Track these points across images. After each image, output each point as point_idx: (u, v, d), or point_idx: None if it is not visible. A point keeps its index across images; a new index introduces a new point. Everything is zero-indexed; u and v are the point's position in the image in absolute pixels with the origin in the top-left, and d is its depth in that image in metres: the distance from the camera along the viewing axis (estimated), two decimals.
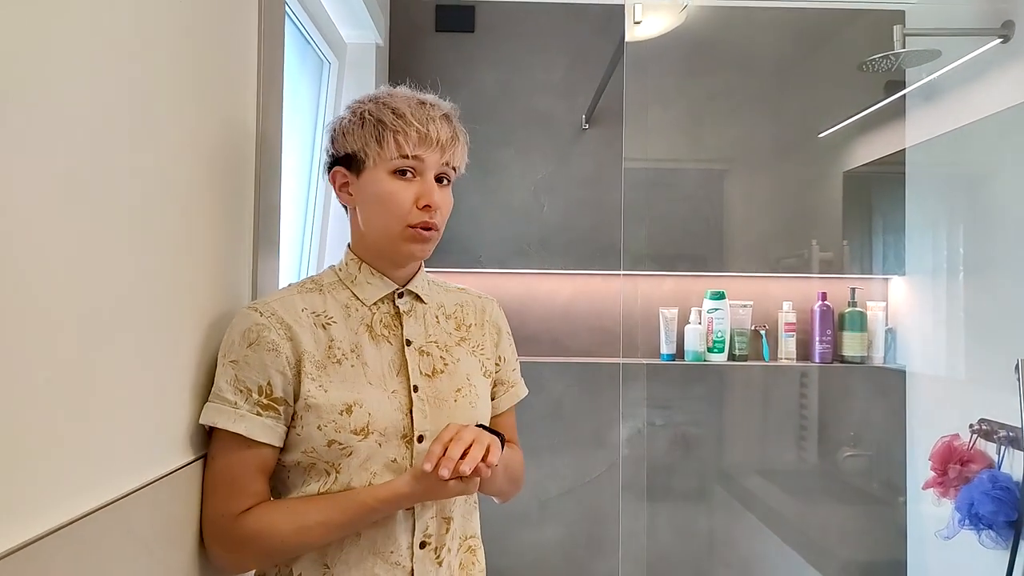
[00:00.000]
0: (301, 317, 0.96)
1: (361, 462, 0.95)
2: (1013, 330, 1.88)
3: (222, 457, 0.93)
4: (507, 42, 2.37)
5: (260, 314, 0.94)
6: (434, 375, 1.02)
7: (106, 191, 0.72)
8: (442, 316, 1.08)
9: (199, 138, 0.93)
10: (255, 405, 0.92)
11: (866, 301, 2.40)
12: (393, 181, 0.96)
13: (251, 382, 0.92)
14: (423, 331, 1.04)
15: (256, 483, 0.94)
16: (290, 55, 1.62)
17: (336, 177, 1.02)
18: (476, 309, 1.14)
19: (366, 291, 1.02)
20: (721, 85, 2.41)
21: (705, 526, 2.37)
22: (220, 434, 0.93)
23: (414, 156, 0.95)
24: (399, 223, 0.97)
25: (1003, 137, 1.94)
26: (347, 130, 0.98)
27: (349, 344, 0.98)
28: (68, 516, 0.67)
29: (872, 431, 2.35)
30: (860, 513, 2.38)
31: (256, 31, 1.12)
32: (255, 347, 0.92)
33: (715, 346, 2.34)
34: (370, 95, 1.01)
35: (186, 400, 0.92)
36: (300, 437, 0.94)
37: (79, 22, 0.68)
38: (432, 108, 0.99)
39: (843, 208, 2.41)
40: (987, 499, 1.82)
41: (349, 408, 0.94)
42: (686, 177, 2.44)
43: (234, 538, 0.92)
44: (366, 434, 0.94)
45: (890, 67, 1.96)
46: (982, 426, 1.94)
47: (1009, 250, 1.91)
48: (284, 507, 0.94)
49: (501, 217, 2.37)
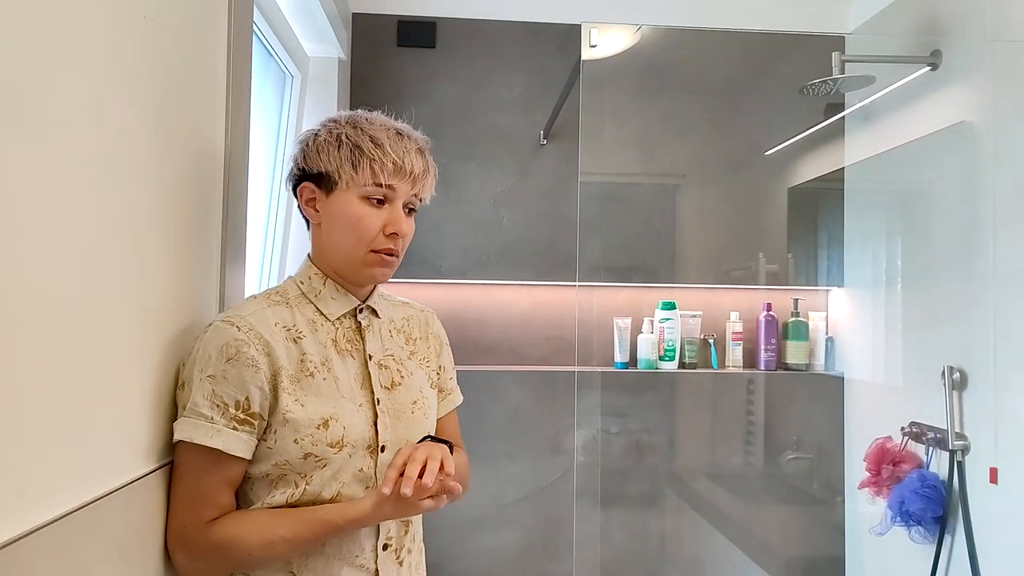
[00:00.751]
0: (275, 331, 0.99)
1: (333, 473, 0.98)
2: (942, 338, 2.00)
3: (192, 469, 0.95)
4: (468, 58, 2.44)
5: (238, 328, 0.95)
6: (392, 388, 1.07)
7: (74, 202, 0.75)
8: (394, 330, 1.13)
9: (169, 151, 0.96)
10: (232, 420, 0.94)
11: (808, 311, 2.52)
12: (363, 206, 1.00)
13: (228, 397, 0.94)
14: (381, 346, 1.09)
15: (224, 495, 0.97)
16: (254, 68, 1.66)
17: (304, 192, 1.05)
18: (420, 323, 1.19)
19: (330, 306, 1.05)
20: (673, 104, 2.51)
21: (656, 528, 2.46)
22: (191, 447, 0.94)
23: (387, 185, 1.00)
24: (364, 247, 1.01)
25: (933, 157, 2.07)
26: (322, 148, 1.01)
27: (320, 358, 1.01)
28: (30, 525, 0.68)
29: (813, 435, 2.47)
30: (801, 513, 2.50)
31: (225, 47, 1.16)
32: (234, 362, 0.94)
33: (666, 354, 2.43)
34: (347, 116, 1.05)
35: (150, 409, 0.93)
36: (272, 450, 0.96)
37: (49, 36, 0.70)
38: (408, 141, 1.04)
39: (788, 222, 2.54)
40: (916, 497, 1.94)
41: (326, 422, 0.97)
42: (640, 192, 2.53)
43: (201, 547, 0.95)
44: (340, 447, 0.98)
45: (829, 91, 2.08)
46: (912, 429, 2.07)
47: (939, 263, 2.04)
48: (252, 520, 0.96)
49: (462, 229, 2.43)
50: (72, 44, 0.73)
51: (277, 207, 1.99)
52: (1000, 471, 1.80)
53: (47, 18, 0.69)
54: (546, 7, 2.45)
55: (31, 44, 0.67)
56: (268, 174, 1.95)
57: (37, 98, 0.67)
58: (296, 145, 1.07)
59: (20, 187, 0.65)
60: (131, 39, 0.86)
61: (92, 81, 0.77)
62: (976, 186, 1.90)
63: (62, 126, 0.71)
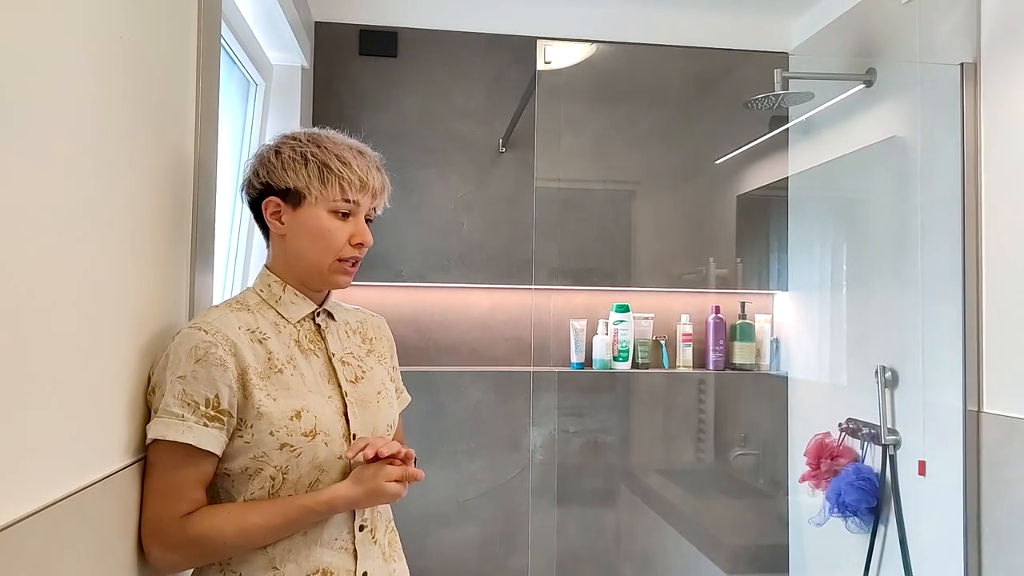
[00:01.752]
0: (240, 334, 1.05)
1: (309, 460, 1.05)
2: (877, 340, 2.14)
3: (165, 466, 1.00)
4: (428, 68, 2.51)
5: (205, 332, 1.02)
6: (357, 382, 1.15)
7: (56, 210, 0.80)
8: (349, 331, 1.22)
9: (142, 161, 1.01)
10: (202, 417, 0.99)
11: (755, 314, 2.64)
12: (331, 219, 1.09)
13: (199, 395, 0.99)
14: (340, 345, 1.18)
15: (197, 491, 1.02)
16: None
17: (269, 205, 1.10)
18: (373, 326, 1.29)
19: (290, 310, 1.13)
20: (627, 114, 2.61)
21: (610, 523, 2.55)
22: (163, 444, 0.99)
23: (353, 200, 1.09)
24: (331, 256, 1.10)
25: (868, 169, 2.21)
26: (288, 165, 1.08)
27: (285, 356, 1.09)
28: (16, 514, 0.72)
29: (759, 432, 2.60)
30: (748, 506, 2.62)
31: (195, 59, 1.21)
32: (203, 363, 1.00)
33: (620, 355, 2.53)
34: (307, 135, 1.11)
35: (127, 406, 0.99)
36: (249, 444, 1.03)
37: (33, 53, 0.76)
38: (368, 159, 1.13)
39: (736, 229, 2.66)
40: (852, 489, 2.06)
41: (298, 414, 1.05)
42: (594, 198, 2.63)
43: (176, 541, 1.00)
44: (313, 435, 1.05)
45: (771, 106, 2.20)
46: (849, 425, 2.19)
47: (875, 269, 2.17)
48: (226, 511, 1.02)
49: (422, 234, 2.50)
50: (52, 62, 0.78)
51: (241, 214, 2.03)
52: (928, 464, 1.93)
53: (32, 37, 0.74)
54: (504, 20, 2.53)
55: (15, 60, 0.71)
56: (232, 181, 1.99)
57: (18, 108, 0.72)
58: (255, 160, 1.12)
59: (13, 207, 0.70)
60: (107, 57, 0.91)
61: (70, 96, 0.82)
62: (907, 197, 2.04)
63: (41, 138, 0.76)
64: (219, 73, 1.34)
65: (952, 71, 1.84)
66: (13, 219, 0.71)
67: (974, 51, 1.81)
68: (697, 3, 2.53)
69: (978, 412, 1.77)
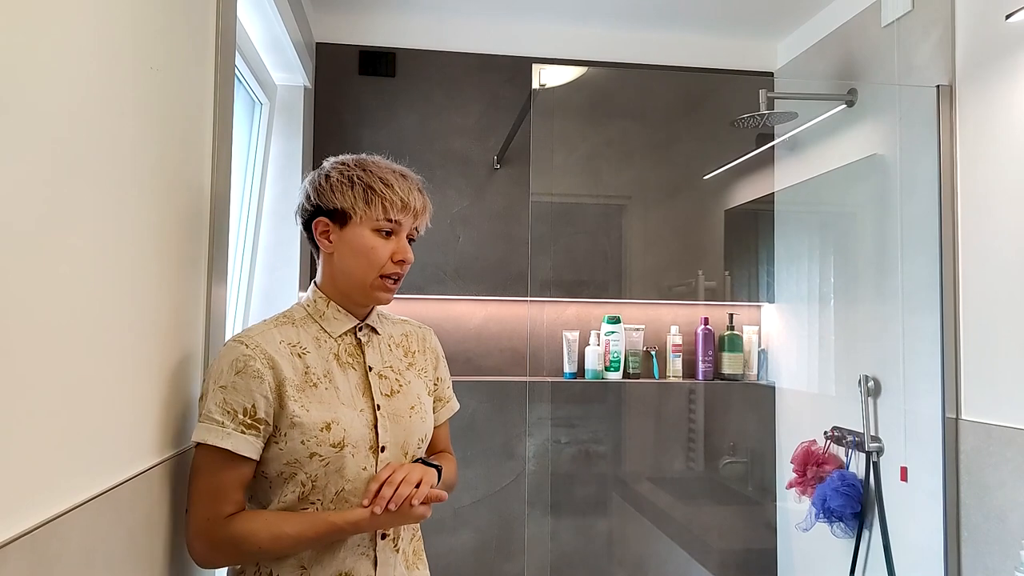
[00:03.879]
0: (280, 348, 1.13)
1: (336, 470, 1.12)
2: (860, 350, 2.21)
3: (209, 469, 1.08)
4: (426, 87, 2.58)
5: (246, 346, 1.10)
6: (392, 395, 1.21)
7: (95, 232, 0.87)
8: (392, 345, 1.27)
9: (165, 181, 1.08)
10: (240, 424, 1.07)
11: (743, 325, 2.71)
12: (375, 237, 1.16)
13: (238, 404, 1.07)
14: (380, 359, 1.23)
15: (237, 493, 1.10)
16: None
17: (319, 225, 1.18)
18: (418, 338, 1.34)
19: (333, 325, 1.19)
20: (618, 132, 2.69)
21: (603, 529, 2.61)
22: (206, 449, 1.07)
23: (396, 220, 1.16)
24: (374, 272, 1.16)
25: (850, 185, 2.29)
26: (336, 187, 1.16)
27: (322, 370, 1.15)
28: (61, 507, 0.79)
29: (747, 440, 2.66)
30: (737, 512, 2.68)
31: (212, 86, 1.28)
32: (242, 374, 1.08)
33: (611, 365, 2.60)
34: (354, 159, 1.20)
35: (155, 410, 1.05)
36: (283, 451, 1.10)
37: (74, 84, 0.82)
38: (411, 181, 1.20)
39: (724, 242, 2.73)
40: (837, 495, 2.13)
41: (328, 425, 1.11)
42: (587, 213, 2.70)
43: (219, 539, 1.08)
44: (342, 447, 1.12)
45: (757, 125, 2.28)
46: (834, 432, 2.26)
47: (857, 281, 2.25)
48: (263, 517, 1.10)
49: (420, 247, 2.51)
50: (93, 90, 0.85)
51: (247, 229, 2.09)
52: (909, 470, 1.99)
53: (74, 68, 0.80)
54: (498, 41, 2.61)
55: (55, 88, 0.78)
56: (239, 197, 2.05)
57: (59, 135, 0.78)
58: (307, 185, 1.20)
59: (50, 221, 0.76)
60: (141, 87, 0.97)
61: (108, 120, 0.88)
62: (887, 212, 2.12)
63: (79, 159, 0.82)
64: (233, 98, 1.40)
65: (929, 92, 1.93)
66: (52, 239, 0.78)
67: (950, 74, 1.90)
68: (686, 26, 2.62)
69: (956, 419, 1.84)
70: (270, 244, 2.21)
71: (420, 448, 1.24)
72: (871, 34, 2.20)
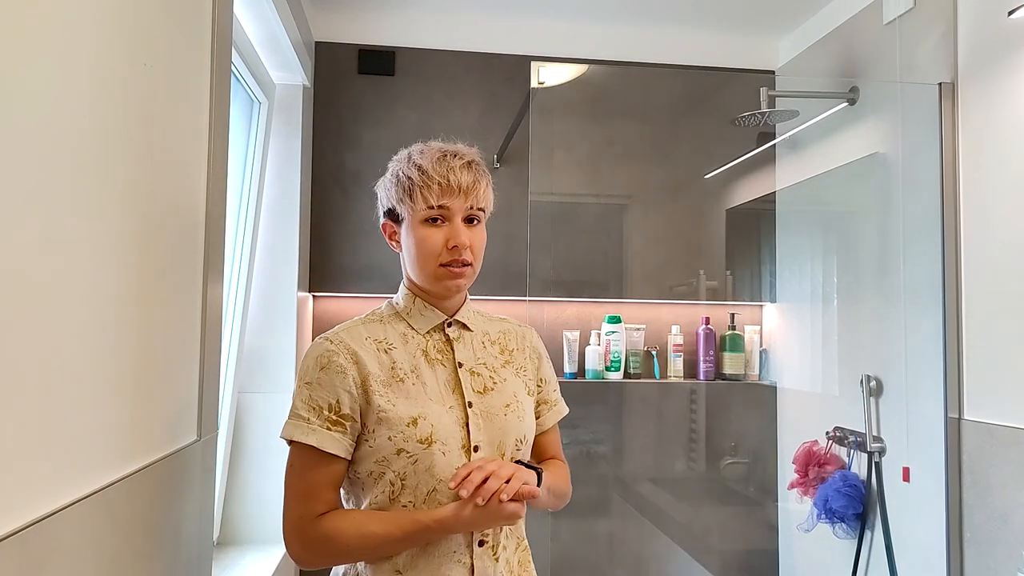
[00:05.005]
0: (365, 344, 1.12)
1: (426, 468, 1.07)
2: (862, 349, 2.19)
3: (300, 467, 1.08)
4: (425, 86, 2.57)
5: (330, 342, 1.10)
6: (485, 392, 1.16)
7: (80, 229, 0.86)
8: (487, 342, 1.23)
9: (159, 177, 1.07)
10: (325, 420, 1.06)
11: (744, 325, 2.70)
12: (425, 228, 1.12)
13: (323, 400, 1.07)
14: (472, 355, 1.19)
15: (328, 492, 1.08)
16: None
17: (386, 228, 1.19)
18: (517, 336, 1.28)
19: (419, 322, 1.17)
20: (618, 131, 2.68)
21: (604, 530, 2.60)
22: (297, 447, 1.07)
23: (439, 206, 1.10)
24: (434, 263, 1.12)
25: (852, 184, 2.28)
26: (387, 188, 1.15)
27: (409, 365, 1.13)
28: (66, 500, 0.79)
29: (749, 440, 2.65)
30: (738, 513, 2.67)
31: (208, 84, 1.27)
32: (326, 370, 1.08)
33: (612, 365, 2.58)
34: (406, 152, 1.16)
35: (149, 409, 1.04)
36: (372, 449, 1.08)
37: (70, 84, 0.81)
38: (454, 159, 1.12)
39: (726, 242, 2.72)
40: (839, 495, 2.11)
41: (415, 420, 1.08)
42: (587, 212, 2.69)
43: (311, 538, 1.06)
44: (429, 443, 1.08)
45: (758, 123, 2.27)
46: (836, 433, 2.25)
47: (859, 280, 2.24)
48: (352, 516, 1.08)
49: None
50: (82, 87, 0.84)
51: (245, 227, 2.08)
52: (912, 470, 1.98)
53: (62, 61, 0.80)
54: (497, 40, 2.60)
55: (52, 88, 0.77)
56: (236, 195, 2.05)
57: (49, 128, 0.78)
58: (377, 189, 1.20)
59: (40, 218, 0.76)
60: (133, 83, 0.96)
61: (97, 118, 0.88)
62: (889, 211, 2.11)
63: (72, 157, 0.82)
64: (229, 94, 1.39)
65: (931, 90, 1.91)
66: (40, 238, 0.77)
67: (952, 71, 1.89)
68: (686, 23, 2.61)
69: (959, 419, 1.83)
70: (268, 244, 2.20)
71: (520, 450, 1.17)
72: (873, 31, 2.19)
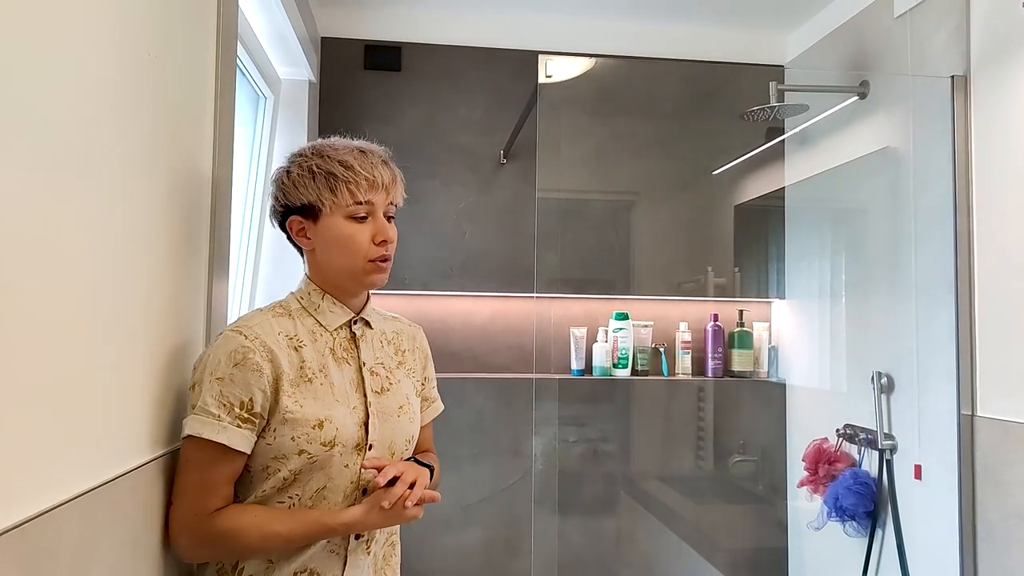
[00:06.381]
0: (279, 340, 1.09)
1: (321, 467, 1.08)
2: (872, 346, 2.17)
3: (199, 463, 1.04)
4: (431, 81, 2.56)
5: (245, 337, 1.06)
6: (382, 393, 1.18)
7: (93, 225, 0.85)
8: (384, 341, 1.24)
9: (162, 172, 1.06)
10: (236, 418, 1.04)
11: (752, 322, 2.68)
12: (351, 224, 1.11)
13: (234, 398, 1.04)
14: (373, 354, 1.20)
15: (227, 488, 1.07)
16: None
17: (293, 225, 1.15)
18: (408, 336, 1.31)
19: (328, 318, 1.16)
20: (626, 126, 2.67)
21: (611, 527, 2.58)
22: (199, 441, 1.03)
23: (366, 201, 1.11)
24: (361, 259, 1.12)
25: (863, 179, 2.25)
26: (298, 183, 1.11)
27: (318, 364, 1.12)
28: (52, 502, 0.78)
29: (758, 438, 2.63)
30: (747, 511, 2.65)
31: (213, 77, 1.26)
32: (240, 367, 1.04)
33: (619, 362, 2.57)
34: (311, 148, 1.15)
35: (153, 405, 1.03)
36: (271, 446, 1.07)
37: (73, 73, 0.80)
38: (372, 155, 1.14)
39: (734, 238, 2.70)
40: (850, 493, 2.09)
41: (321, 423, 1.08)
42: (594, 208, 2.68)
43: (205, 534, 1.04)
44: (332, 446, 1.08)
45: (767, 118, 2.25)
46: (846, 430, 2.23)
47: (870, 276, 2.21)
48: (252, 514, 1.06)
49: (426, 242, 2.54)
50: (84, 75, 0.83)
51: (251, 223, 2.08)
52: (924, 468, 1.96)
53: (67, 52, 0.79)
54: (504, 34, 2.59)
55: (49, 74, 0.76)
56: (242, 192, 2.04)
57: (49, 119, 0.77)
58: (272, 185, 1.17)
59: (45, 213, 0.75)
60: (135, 73, 0.95)
61: (100, 108, 0.87)
62: (900, 206, 2.08)
63: (70, 149, 0.81)
64: (235, 89, 1.38)
65: (943, 83, 1.89)
66: (48, 231, 0.76)
67: (964, 64, 1.86)
68: (694, 17, 2.59)
69: (972, 416, 1.81)
70: (274, 238, 2.19)
71: (407, 448, 1.20)
72: (883, 24, 2.17)
